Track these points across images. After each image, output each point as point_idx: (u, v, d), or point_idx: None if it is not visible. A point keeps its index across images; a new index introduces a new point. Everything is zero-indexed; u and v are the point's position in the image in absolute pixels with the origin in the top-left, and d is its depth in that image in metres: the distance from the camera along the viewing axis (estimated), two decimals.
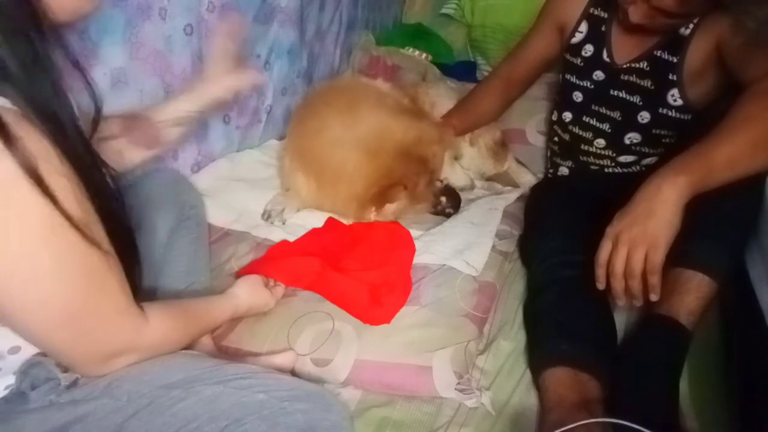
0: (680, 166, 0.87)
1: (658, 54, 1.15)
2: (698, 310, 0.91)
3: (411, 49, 2.02)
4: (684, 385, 0.92)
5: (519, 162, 1.57)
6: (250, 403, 0.66)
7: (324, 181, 1.24)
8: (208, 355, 0.87)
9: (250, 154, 1.54)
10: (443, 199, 1.32)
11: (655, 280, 0.87)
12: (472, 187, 1.48)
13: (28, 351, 0.67)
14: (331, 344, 0.97)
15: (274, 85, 1.59)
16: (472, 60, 2.13)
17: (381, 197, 1.20)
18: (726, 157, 0.86)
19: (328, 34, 1.83)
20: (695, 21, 1.09)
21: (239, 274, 1.10)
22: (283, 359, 0.95)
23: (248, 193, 1.38)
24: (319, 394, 0.72)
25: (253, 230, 1.28)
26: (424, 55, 2.01)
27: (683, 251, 0.94)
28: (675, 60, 1.12)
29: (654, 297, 0.88)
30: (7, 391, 0.68)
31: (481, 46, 2.07)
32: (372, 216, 1.23)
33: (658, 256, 0.86)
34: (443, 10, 2.14)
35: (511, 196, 1.40)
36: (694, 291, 0.92)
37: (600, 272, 0.91)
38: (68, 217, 0.57)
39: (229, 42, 1.03)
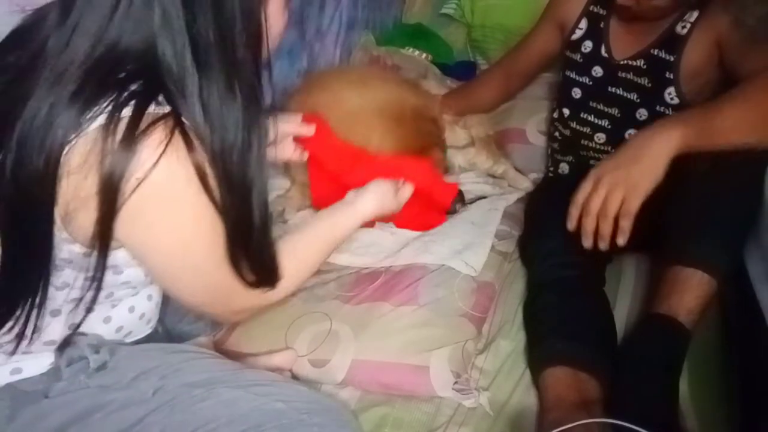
0: (677, 120, 0.89)
1: (655, 52, 1.16)
2: (698, 309, 0.91)
3: (411, 49, 2.01)
4: (684, 385, 0.91)
5: (517, 170, 1.56)
6: (269, 410, 0.68)
7: None
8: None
9: None
10: None
11: (625, 224, 0.88)
12: (472, 143, 1.46)
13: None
14: (329, 345, 0.97)
15: (274, 85, 1.59)
16: (472, 60, 2.12)
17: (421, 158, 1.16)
18: (724, 121, 0.88)
19: (328, 34, 1.83)
20: (692, 20, 1.10)
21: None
22: (282, 359, 0.96)
23: None
24: (336, 409, 0.73)
25: None
26: (424, 55, 2.01)
27: (682, 249, 0.94)
28: (672, 59, 1.13)
29: (621, 241, 0.89)
30: (49, 367, 0.71)
31: (481, 46, 2.06)
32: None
33: (635, 202, 0.87)
34: (443, 10, 2.13)
35: (512, 196, 1.39)
36: (694, 289, 0.91)
37: (574, 212, 0.92)
38: (220, 213, 0.66)
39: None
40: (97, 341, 0.72)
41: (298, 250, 0.86)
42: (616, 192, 0.88)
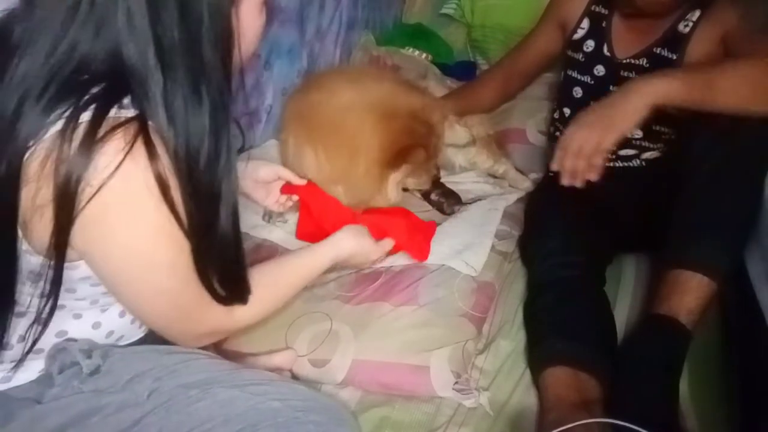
0: (665, 73, 0.96)
1: (658, 51, 1.16)
2: (698, 310, 0.91)
3: (411, 49, 2.01)
4: (684, 385, 0.92)
5: (517, 170, 1.56)
6: (264, 409, 0.67)
7: (336, 151, 1.17)
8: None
9: (250, 154, 1.54)
10: (440, 199, 1.32)
11: (596, 161, 0.95)
12: (473, 142, 1.46)
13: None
14: (329, 345, 0.97)
15: (274, 85, 1.58)
16: (472, 60, 2.12)
17: (400, 157, 1.16)
18: (714, 83, 0.92)
19: (328, 34, 1.83)
20: (694, 19, 1.11)
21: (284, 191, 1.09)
22: (282, 359, 0.96)
23: None
24: (333, 407, 0.73)
25: (252, 230, 1.28)
26: (424, 55, 2.01)
27: (682, 252, 0.94)
28: (674, 57, 1.13)
29: (592, 176, 0.95)
30: (39, 374, 0.71)
31: (482, 46, 2.06)
32: (391, 179, 1.20)
33: (608, 141, 0.93)
34: (443, 10, 2.13)
35: (512, 196, 1.39)
36: (694, 291, 0.91)
37: (558, 152, 0.98)
38: (182, 226, 0.64)
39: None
40: (89, 346, 0.72)
41: (277, 276, 0.85)
42: (593, 132, 0.94)
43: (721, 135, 0.97)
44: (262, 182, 1.09)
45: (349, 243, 0.96)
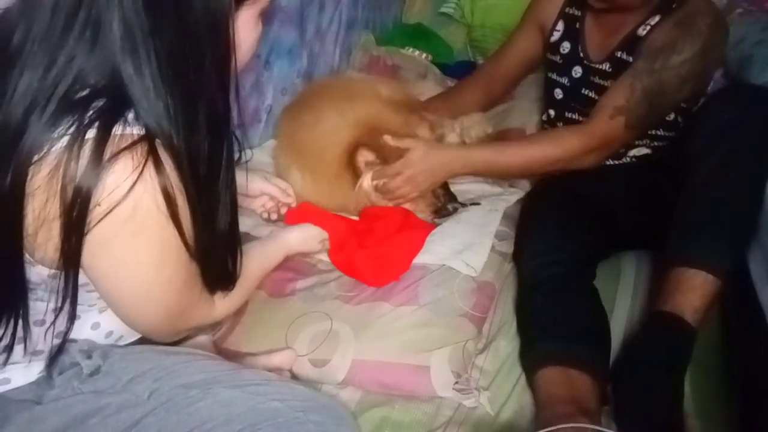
0: (463, 154, 1.22)
1: (619, 54, 1.18)
2: (702, 308, 0.91)
3: (411, 49, 2.01)
4: (685, 385, 0.91)
5: None
6: (265, 409, 0.68)
7: (320, 172, 1.24)
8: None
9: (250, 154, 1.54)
10: (442, 195, 1.32)
11: (382, 200, 1.22)
12: (463, 143, 1.47)
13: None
14: (329, 344, 0.97)
15: (274, 85, 1.58)
16: (472, 60, 2.12)
17: (350, 160, 1.22)
18: (492, 163, 1.21)
19: (328, 34, 1.83)
20: (653, 23, 1.12)
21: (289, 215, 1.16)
22: (281, 358, 0.96)
23: None
24: (332, 407, 0.73)
25: (253, 230, 1.28)
26: (424, 55, 2.01)
27: (685, 250, 0.94)
28: (632, 59, 1.14)
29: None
30: (39, 376, 0.71)
31: (481, 46, 2.07)
32: (365, 183, 1.23)
33: (406, 198, 1.22)
34: (442, 9, 2.13)
35: (512, 197, 1.39)
36: (699, 289, 0.91)
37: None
38: (186, 243, 0.65)
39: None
40: (88, 346, 0.72)
41: (246, 268, 0.85)
42: (409, 185, 1.18)
43: (721, 135, 0.97)
44: (246, 194, 1.11)
45: (295, 242, 1.06)
